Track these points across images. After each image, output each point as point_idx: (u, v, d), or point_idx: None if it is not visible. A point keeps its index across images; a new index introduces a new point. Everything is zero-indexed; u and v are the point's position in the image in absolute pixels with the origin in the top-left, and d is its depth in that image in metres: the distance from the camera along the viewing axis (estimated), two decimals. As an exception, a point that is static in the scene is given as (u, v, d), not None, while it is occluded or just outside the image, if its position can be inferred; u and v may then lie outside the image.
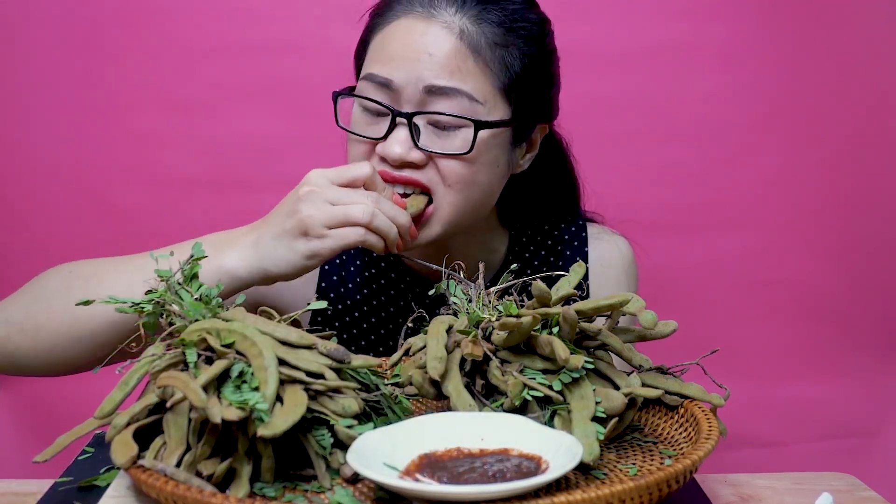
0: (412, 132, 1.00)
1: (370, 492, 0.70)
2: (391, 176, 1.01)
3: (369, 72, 1.02)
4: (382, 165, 1.02)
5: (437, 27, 1.00)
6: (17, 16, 1.63)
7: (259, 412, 0.67)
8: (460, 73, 0.99)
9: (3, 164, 1.64)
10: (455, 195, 1.02)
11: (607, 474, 0.74)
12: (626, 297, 0.82)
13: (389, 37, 1.02)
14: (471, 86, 1.00)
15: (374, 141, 1.02)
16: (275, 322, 0.79)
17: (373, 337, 1.19)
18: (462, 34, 1.00)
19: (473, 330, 0.83)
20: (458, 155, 1.00)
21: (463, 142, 1.00)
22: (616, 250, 1.22)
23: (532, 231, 1.22)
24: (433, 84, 0.99)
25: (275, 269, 0.95)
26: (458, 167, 1.01)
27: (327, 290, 1.18)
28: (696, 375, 0.87)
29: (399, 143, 1.00)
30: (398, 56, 1.00)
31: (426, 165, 1.01)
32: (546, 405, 0.78)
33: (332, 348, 0.76)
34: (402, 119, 1.00)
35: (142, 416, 0.72)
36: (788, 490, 0.82)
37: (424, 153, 1.00)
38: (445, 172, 1.01)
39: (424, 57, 0.99)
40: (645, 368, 0.85)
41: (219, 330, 0.74)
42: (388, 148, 1.00)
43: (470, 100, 1.00)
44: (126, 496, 0.73)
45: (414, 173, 1.01)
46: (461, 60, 1.00)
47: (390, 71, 1.00)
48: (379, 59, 1.02)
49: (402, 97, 1.00)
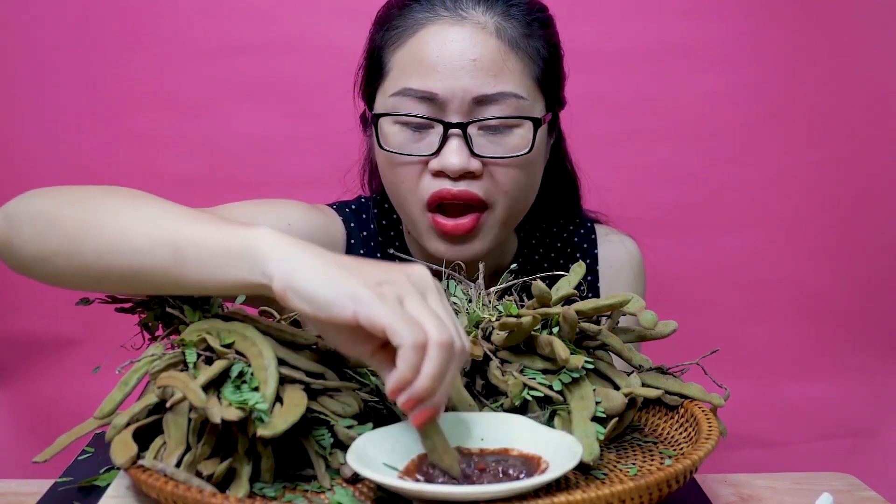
0: (468, 142, 0.97)
1: (370, 492, 0.70)
2: (451, 193, 0.97)
3: (406, 86, 0.98)
4: (439, 183, 0.98)
5: (471, 29, 0.97)
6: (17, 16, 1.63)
7: (259, 412, 0.67)
8: (504, 73, 0.97)
9: (3, 164, 1.64)
10: (509, 201, 1.00)
11: (607, 474, 0.74)
12: (626, 297, 0.82)
13: (420, 47, 0.98)
14: (515, 84, 0.98)
15: (424, 159, 0.98)
16: (275, 322, 0.79)
17: None
18: (499, 32, 0.98)
19: (473, 330, 0.83)
20: (519, 156, 0.98)
21: (520, 141, 0.98)
22: (625, 251, 1.22)
23: (541, 234, 1.21)
24: (482, 94, 0.96)
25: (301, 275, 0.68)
26: (515, 172, 0.99)
27: None
28: (696, 375, 0.87)
29: (456, 154, 0.96)
30: (438, 66, 0.96)
31: (482, 176, 0.98)
32: (546, 405, 0.78)
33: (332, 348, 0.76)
34: (456, 130, 0.96)
35: (142, 416, 0.72)
36: (788, 490, 0.82)
37: (482, 160, 0.98)
38: (502, 179, 0.98)
39: (468, 64, 0.96)
40: (645, 368, 0.85)
41: (219, 330, 0.74)
42: (445, 160, 0.96)
43: (518, 98, 0.98)
44: (126, 496, 0.73)
45: (471, 185, 0.97)
46: (503, 60, 0.97)
47: (433, 84, 0.96)
48: (415, 73, 0.97)
49: (449, 108, 0.97)
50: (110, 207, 0.77)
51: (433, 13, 0.98)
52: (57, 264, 0.77)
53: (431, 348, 0.64)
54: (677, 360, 0.87)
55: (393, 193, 1.05)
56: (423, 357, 0.64)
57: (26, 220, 0.80)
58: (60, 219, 0.77)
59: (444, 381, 0.65)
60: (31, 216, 0.80)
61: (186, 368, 0.72)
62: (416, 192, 1.00)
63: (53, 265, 0.78)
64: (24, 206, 0.81)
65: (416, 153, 0.99)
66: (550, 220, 1.22)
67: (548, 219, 1.22)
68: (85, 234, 0.75)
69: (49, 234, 0.77)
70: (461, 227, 0.99)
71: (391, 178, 1.02)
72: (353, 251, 1.15)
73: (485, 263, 0.93)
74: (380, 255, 1.17)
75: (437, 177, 0.98)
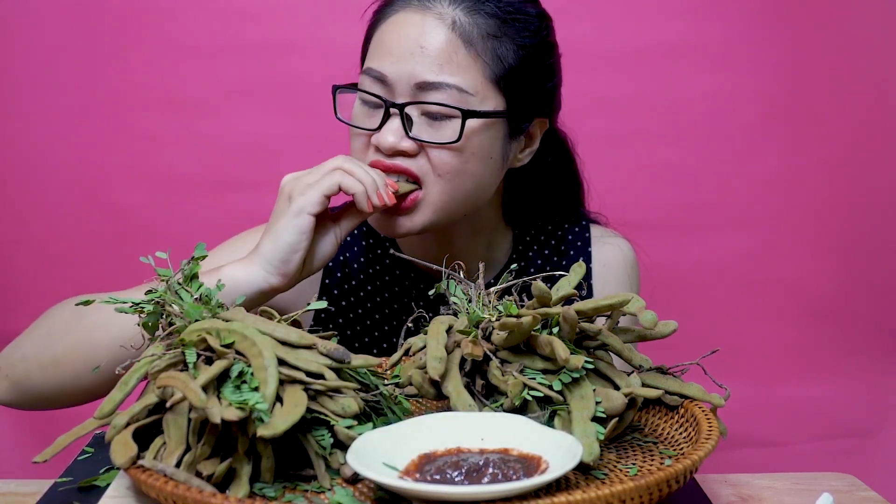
0: (404, 123, 1.02)
1: (370, 492, 0.70)
2: (383, 164, 1.03)
3: (367, 66, 1.05)
4: (377, 155, 1.04)
5: (431, 19, 1.02)
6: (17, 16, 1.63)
7: (259, 412, 0.67)
8: (450, 65, 1.02)
9: (3, 164, 1.64)
10: (445, 184, 1.04)
11: (607, 474, 0.74)
12: (626, 297, 0.82)
13: (386, 31, 1.05)
14: (460, 78, 1.02)
15: (370, 132, 1.05)
16: (275, 322, 0.79)
17: (377, 334, 1.19)
18: (454, 25, 1.02)
19: (473, 330, 0.82)
20: (447, 144, 1.02)
21: (452, 132, 1.02)
22: (619, 252, 1.24)
23: (536, 231, 1.23)
24: (424, 80, 1.01)
25: (273, 243, 0.98)
26: (448, 157, 1.03)
27: (330, 288, 1.18)
28: (696, 375, 0.87)
29: (391, 133, 1.02)
30: (393, 50, 1.03)
31: (418, 155, 1.04)
32: (546, 405, 0.78)
33: (331, 348, 0.75)
34: (395, 110, 1.03)
35: (141, 416, 0.72)
36: (788, 490, 0.82)
37: (416, 143, 1.03)
38: (436, 162, 1.03)
39: (416, 51, 1.01)
40: (645, 368, 0.85)
41: (218, 330, 0.74)
42: (381, 137, 1.03)
43: (460, 91, 1.02)
44: (126, 496, 0.73)
45: (405, 161, 1.03)
46: (452, 52, 1.02)
47: (385, 66, 1.03)
48: (376, 54, 1.05)
49: (397, 90, 1.03)
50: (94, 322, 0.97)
51: (406, 2, 1.05)
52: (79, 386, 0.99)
53: (347, 170, 0.98)
54: (677, 360, 0.87)
55: None
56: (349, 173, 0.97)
57: (30, 372, 1.00)
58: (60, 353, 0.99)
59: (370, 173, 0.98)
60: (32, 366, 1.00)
61: (186, 368, 0.72)
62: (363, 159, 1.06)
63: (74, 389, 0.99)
64: (13, 363, 1.02)
65: (362, 126, 1.06)
66: (546, 218, 1.24)
67: (544, 216, 1.24)
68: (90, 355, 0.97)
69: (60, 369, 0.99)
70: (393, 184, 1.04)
71: (351, 148, 1.09)
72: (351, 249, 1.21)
73: (473, 256, 1.06)
74: (364, 243, 1.19)
75: (377, 152, 1.05)
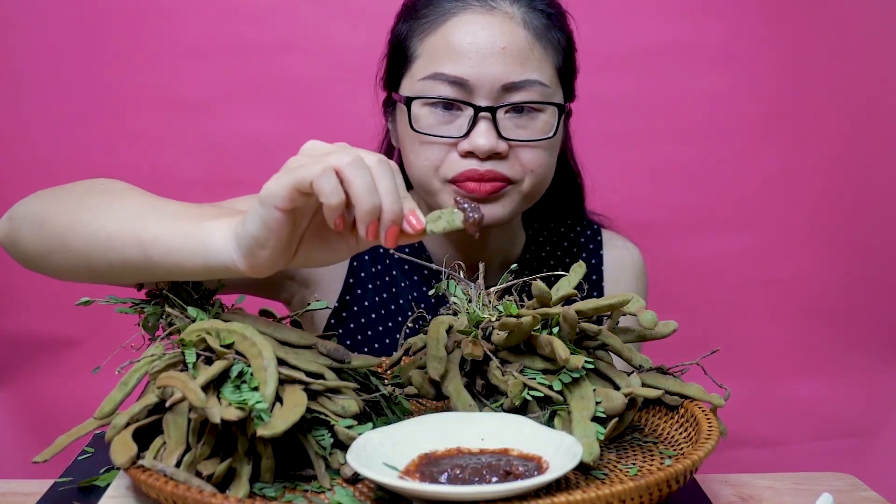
0: (496, 125, 1.01)
1: (370, 492, 0.70)
2: (478, 173, 1.01)
3: (438, 71, 1.02)
4: (466, 163, 1.02)
5: (500, 18, 1.02)
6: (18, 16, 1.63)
7: (258, 412, 0.67)
8: (530, 62, 1.02)
9: (3, 164, 1.64)
10: (535, 178, 1.05)
11: (607, 474, 0.74)
12: (626, 297, 0.82)
13: (453, 35, 1.02)
14: (540, 72, 1.03)
15: (453, 140, 1.02)
16: (274, 322, 0.79)
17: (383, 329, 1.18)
18: (525, 23, 1.03)
19: (473, 330, 0.82)
20: (542, 140, 1.03)
21: (544, 125, 1.04)
22: (629, 256, 1.26)
23: (548, 232, 1.25)
24: (510, 81, 1.01)
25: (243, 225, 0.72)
26: (539, 152, 1.04)
27: (355, 287, 1.17)
28: (696, 375, 0.87)
29: (485, 136, 1.00)
30: (469, 53, 1.01)
31: (508, 157, 1.03)
32: (546, 405, 0.78)
33: (331, 348, 0.76)
34: (486, 113, 1.01)
35: (141, 416, 0.72)
36: (788, 490, 0.82)
37: (508, 143, 1.02)
38: (527, 159, 1.04)
39: (497, 52, 1.01)
40: (645, 368, 0.85)
41: (218, 330, 0.74)
42: (475, 142, 1.01)
43: (542, 86, 1.03)
44: (126, 496, 0.73)
45: (498, 165, 1.02)
46: (529, 49, 1.02)
47: (463, 69, 1.01)
48: (447, 58, 1.02)
49: (478, 93, 1.01)
50: (90, 207, 0.82)
51: (463, 3, 1.03)
52: (52, 261, 0.84)
53: (343, 170, 0.66)
54: (677, 360, 0.87)
55: (414, 172, 1.07)
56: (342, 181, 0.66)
57: (24, 223, 0.87)
58: (50, 221, 0.84)
59: (379, 191, 0.67)
60: (28, 218, 0.86)
61: (186, 368, 0.72)
62: (439, 170, 1.04)
63: (49, 262, 0.85)
64: (22, 209, 0.88)
65: (446, 135, 1.03)
66: (558, 220, 1.25)
67: (556, 217, 1.25)
68: (68, 236, 0.81)
69: (42, 235, 0.84)
70: (484, 189, 1.02)
71: (413, 157, 1.05)
72: None
73: (497, 252, 1.06)
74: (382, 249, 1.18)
75: (465, 157, 1.02)
